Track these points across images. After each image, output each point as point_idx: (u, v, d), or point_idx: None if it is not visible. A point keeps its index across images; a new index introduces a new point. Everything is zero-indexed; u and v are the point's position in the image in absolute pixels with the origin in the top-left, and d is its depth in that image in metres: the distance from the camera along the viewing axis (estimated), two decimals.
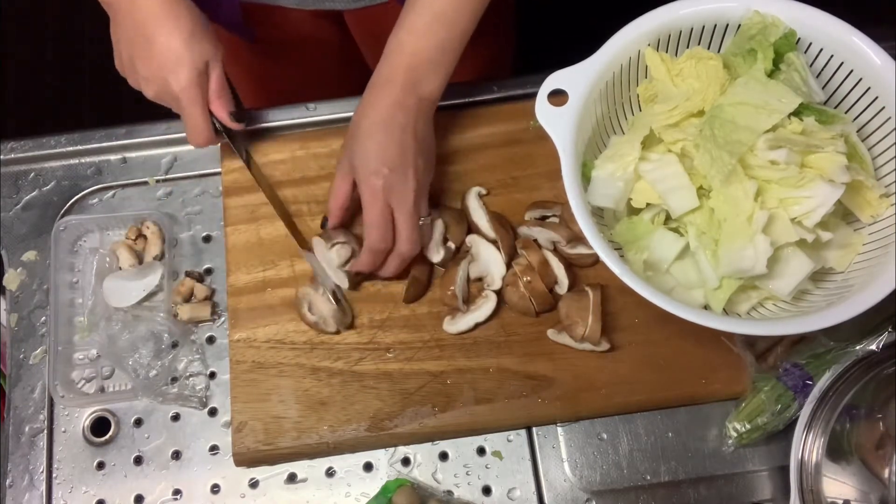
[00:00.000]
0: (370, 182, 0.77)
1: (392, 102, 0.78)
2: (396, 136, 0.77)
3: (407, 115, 0.78)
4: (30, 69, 1.97)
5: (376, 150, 0.77)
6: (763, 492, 0.79)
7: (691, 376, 0.80)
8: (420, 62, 0.78)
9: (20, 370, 0.83)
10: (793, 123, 0.73)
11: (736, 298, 0.75)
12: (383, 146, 0.77)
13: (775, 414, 0.77)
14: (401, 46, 0.78)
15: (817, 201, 0.71)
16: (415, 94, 0.78)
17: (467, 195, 0.86)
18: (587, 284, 0.81)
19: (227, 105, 0.83)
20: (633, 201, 0.77)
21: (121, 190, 0.91)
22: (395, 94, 0.78)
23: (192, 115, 0.80)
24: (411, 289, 0.82)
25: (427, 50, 0.78)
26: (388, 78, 0.78)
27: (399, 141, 0.77)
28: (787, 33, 0.77)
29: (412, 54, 0.78)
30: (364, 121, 0.78)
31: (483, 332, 0.82)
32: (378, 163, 0.77)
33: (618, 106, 0.81)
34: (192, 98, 0.79)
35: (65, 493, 0.79)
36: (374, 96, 0.79)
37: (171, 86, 0.78)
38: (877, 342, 0.77)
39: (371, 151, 0.77)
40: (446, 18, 0.77)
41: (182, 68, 0.78)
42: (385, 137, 0.77)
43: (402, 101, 0.78)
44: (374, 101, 0.79)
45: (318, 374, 0.81)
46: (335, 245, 0.82)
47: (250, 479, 0.80)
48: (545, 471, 0.79)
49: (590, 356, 0.80)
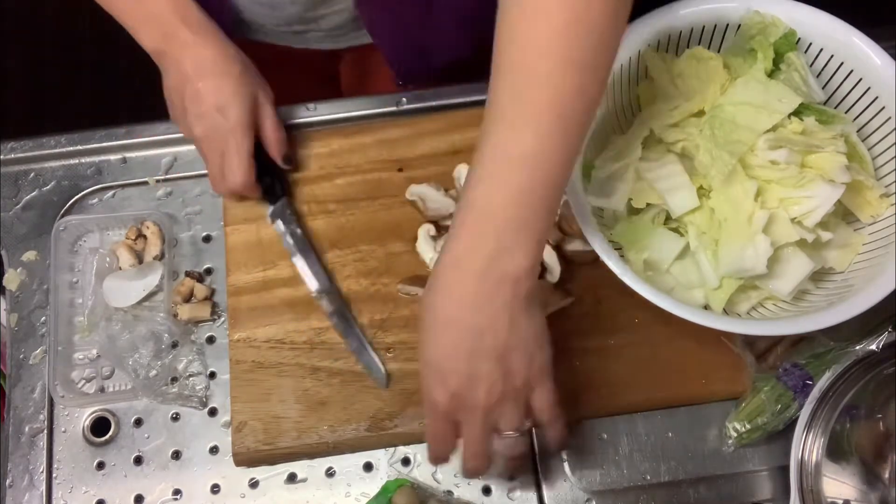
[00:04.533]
0: (431, 395, 0.64)
1: (465, 291, 0.60)
2: (469, 338, 0.61)
3: (489, 305, 0.60)
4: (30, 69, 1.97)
5: (443, 353, 0.62)
6: (763, 492, 0.78)
7: (691, 376, 0.80)
8: (496, 226, 0.59)
9: (20, 370, 0.83)
10: (793, 123, 0.73)
11: (736, 298, 0.75)
12: (450, 350, 0.62)
13: (775, 414, 0.77)
14: (470, 205, 0.60)
15: (817, 201, 0.71)
16: (494, 275, 0.60)
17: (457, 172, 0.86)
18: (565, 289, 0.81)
19: (283, 146, 0.84)
20: (633, 201, 0.77)
21: (121, 190, 0.90)
22: (469, 280, 0.60)
23: (240, 151, 0.79)
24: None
25: (505, 207, 0.59)
26: (456, 255, 0.61)
27: (468, 349, 0.61)
28: (787, 33, 0.77)
29: (486, 216, 0.59)
30: (430, 313, 0.62)
31: None
32: (444, 371, 0.62)
33: (618, 106, 0.81)
34: (243, 134, 0.79)
35: (65, 493, 0.79)
36: (445, 277, 0.62)
37: (223, 122, 0.78)
38: (877, 342, 0.77)
39: (438, 354, 0.63)
40: (530, 160, 0.58)
41: (234, 105, 0.78)
42: (455, 337, 0.61)
43: (478, 287, 0.60)
44: (445, 286, 0.62)
45: (318, 374, 0.81)
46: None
47: (250, 479, 0.80)
48: (545, 471, 0.79)
49: (590, 356, 0.80)
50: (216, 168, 0.81)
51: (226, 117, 0.79)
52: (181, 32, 0.78)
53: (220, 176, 0.81)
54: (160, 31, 0.79)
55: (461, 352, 0.61)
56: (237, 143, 0.79)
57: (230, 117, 0.79)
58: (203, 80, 0.78)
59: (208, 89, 0.78)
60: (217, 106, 0.78)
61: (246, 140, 0.80)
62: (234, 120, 0.79)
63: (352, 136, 0.90)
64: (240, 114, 0.79)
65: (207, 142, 0.80)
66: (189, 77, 0.78)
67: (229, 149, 0.80)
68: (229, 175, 0.80)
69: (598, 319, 0.82)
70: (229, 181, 0.81)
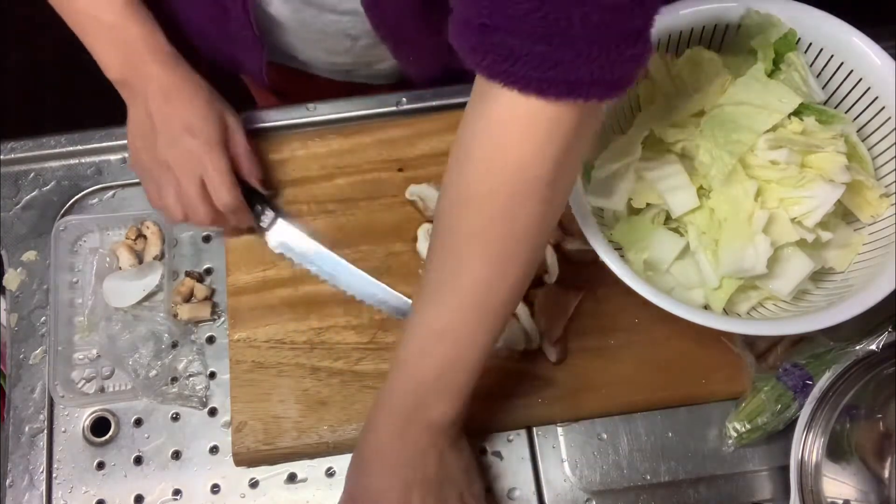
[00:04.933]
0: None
1: (395, 431, 0.67)
2: (399, 474, 0.67)
3: (417, 444, 0.67)
4: (30, 69, 1.97)
5: (377, 482, 0.68)
6: (763, 492, 0.78)
7: (691, 376, 0.80)
8: (420, 384, 0.67)
9: (20, 370, 0.83)
10: (793, 123, 0.73)
11: (736, 298, 0.75)
12: (384, 480, 0.67)
13: (775, 414, 0.77)
14: (401, 365, 0.68)
15: (817, 201, 0.71)
16: (421, 422, 0.67)
17: None
18: (574, 285, 0.81)
19: (258, 170, 0.82)
20: (633, 201, 0.77)
21: (121, 190, 0.90)
22: (399, 423, 0.67)
23: (220, 169, 0.77)
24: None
25: (428, 371, 0.66)
26: (388, 401, 0.68)
27: (402, 480, 0.67)
28: (787, 33, 0.77)
29: (411, 376, 0.67)
30: (364, 448, 0.69)
31: None
32: (378, 500, 0.67)
33: (618, 106, 0.81)
34: (220, 153, 0.77)
35: (65, 493, 0.79)
36: (377, 420, 0.69)
37: (196, 144, 0.76)
38: (877, 342, 0.77)
39: (372, 483, 0.68)
40: (450, 335, 0.65)
41: (206, 126, 0.77)
42: (389, 468, 0.68)
43: (405, 428, 0.67)
44: (379, 424, 0.69)
45: (318, 374, 0.81)
46: None
47: (250, 479, 0.80)
48: (545, 471, 0.79)
49: (590, 356, 0.80)
50: (194, 194, 0.77)
51: (198, 138, 0.76)
52: (148, 62, 0.76)
53: (201, 200, 0.78)
54: (127, 60, 0.77)
55: (396, 481, 0.67)
56: (215, 161, 0.77)
57: (203, 137, 0.76)
58: (171, 103, 0.76)
59: (178, 112, 0.76)
60: (188, 127, 0.76)
61: (224, 158, 0.78)
62: (207, 139, 0.77)
63: (352, 136, 0.90)
64: (213, 133, 0.77)
65: (182, 166, 0.77)
66: (157, 103, 0.76)
67: (208, 169, 0.77)
68: (215, 195, 0.78)
69: (598, 319, 0.82)
70: (217, 201, 0.78)
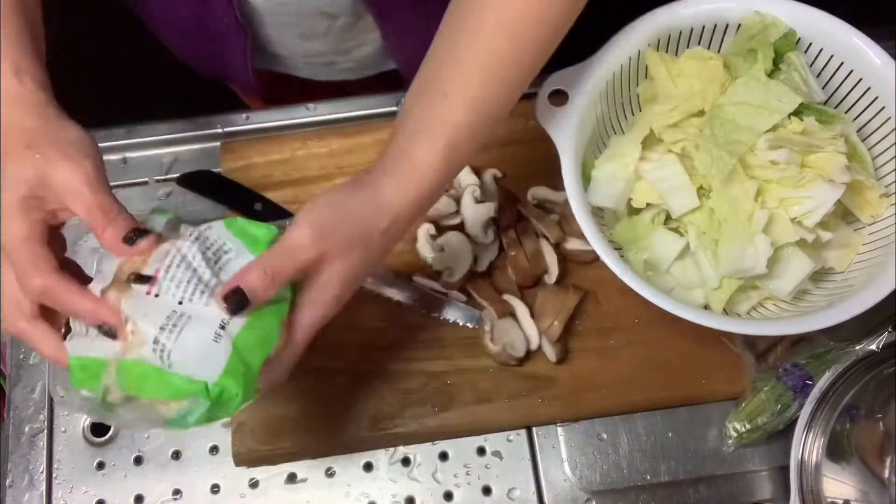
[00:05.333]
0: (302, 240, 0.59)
1: (403, 204, 0.63)
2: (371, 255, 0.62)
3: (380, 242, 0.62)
4: None
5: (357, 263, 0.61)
6: (763, 492, 0.79)
7: (691, 376, 0.80)
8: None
9: (20, 370, 0.83)
10: (793, 123, 0.73)
11: (736, 298, 0.75)
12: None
13: (775, 414, 0.77)
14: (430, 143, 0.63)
15: (817, 201, 0.71)
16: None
17: (483, 175, 0.86)
18: (573, 285, 0.81)
19: (120, 226, 0.58)
20: (633, 201, 0.77)
21: (121, 190, 0.90)
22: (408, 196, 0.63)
23: (14, 236, 0.56)
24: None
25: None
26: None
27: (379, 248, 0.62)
28: (787, 33, 0.77)
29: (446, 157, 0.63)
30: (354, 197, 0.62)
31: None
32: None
33: (618, 106, 0.81)
34: (17, 214, 0.56)
35: (65, 493, 0.79)
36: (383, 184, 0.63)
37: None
38: (877, 342, 0.77)
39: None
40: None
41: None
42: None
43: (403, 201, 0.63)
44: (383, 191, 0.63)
45: (318, 374, 0.81)
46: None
47: (250, 479, 0.80)
48: (545, 471, 0.79)
49: (590, 356, 0.80)
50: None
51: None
52: None
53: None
54: None
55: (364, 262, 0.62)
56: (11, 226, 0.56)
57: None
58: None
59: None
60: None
61: (22, 219, 0.57)
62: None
63: (352, 136, 0.90)
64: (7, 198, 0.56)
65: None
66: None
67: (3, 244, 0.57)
68: (21, 279, 0.57)
69: (598, 319, 0.82)
70: (24, 285, 0.56)
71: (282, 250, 0.58)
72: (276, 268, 0.57)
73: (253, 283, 0.56)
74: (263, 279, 0.56)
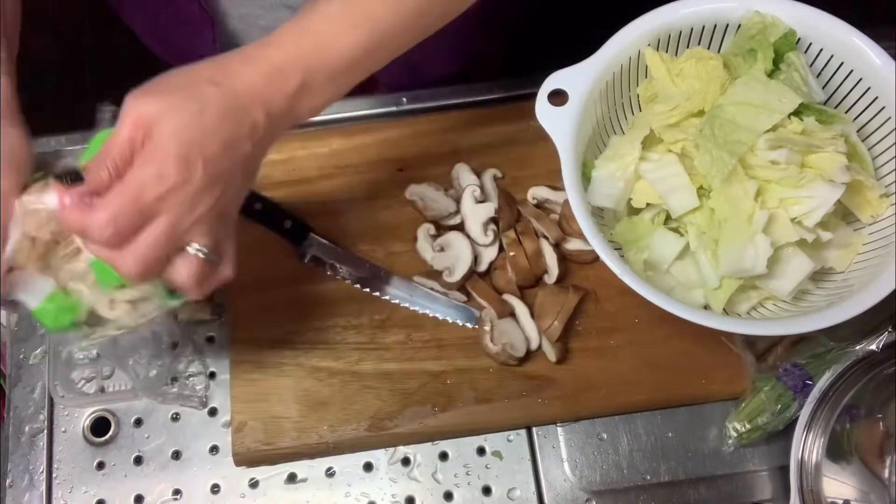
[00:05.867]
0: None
1: (252, 90, 0.60)
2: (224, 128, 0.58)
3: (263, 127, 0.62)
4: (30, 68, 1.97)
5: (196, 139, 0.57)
6: (763, 492, 0.79)
7: (691, 376, 0.80)
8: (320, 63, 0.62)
9: (20, 370, 0.83)
10: (793, 123, 0.73)
11: (736, 298, 0.75)
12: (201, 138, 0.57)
13: (775, 414, 0.77)
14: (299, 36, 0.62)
15: (817, 201, 0.71)
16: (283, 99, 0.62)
17: (483, 175, 0.86)
18: (573, 285, 0.81)
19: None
20: (633, 201, 0.77)
21: None
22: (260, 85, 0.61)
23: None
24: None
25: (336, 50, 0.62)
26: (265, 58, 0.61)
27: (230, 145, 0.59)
28: (787, 33, 0.77)
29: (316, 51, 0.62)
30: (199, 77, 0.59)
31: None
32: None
33: (618, 106, 0.81)
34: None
35: (65, 493, 0.79)
36: (236, 67, 0.60)
37: None
38: (877, 342, 0.77)
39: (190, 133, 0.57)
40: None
41: None
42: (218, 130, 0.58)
43: (260, 95, 0.61)
44: (233, 73, 0.60)
45: (318, 374, 0.81)
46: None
47: (250, 479, 0.80)
48: (545, 471, 0.79)
49: (590, 356, 0.80)
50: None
51: None
52: None
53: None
54: None
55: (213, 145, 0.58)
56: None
57: None
58: None
59: None
60: None
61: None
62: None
63: (352, 136, 0.90)
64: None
65: None
66: None
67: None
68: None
69: (598, 319, 0.82)
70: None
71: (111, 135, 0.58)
72: (104, 152, 0.56)
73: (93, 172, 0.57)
74: (99, 164, 0.57)
